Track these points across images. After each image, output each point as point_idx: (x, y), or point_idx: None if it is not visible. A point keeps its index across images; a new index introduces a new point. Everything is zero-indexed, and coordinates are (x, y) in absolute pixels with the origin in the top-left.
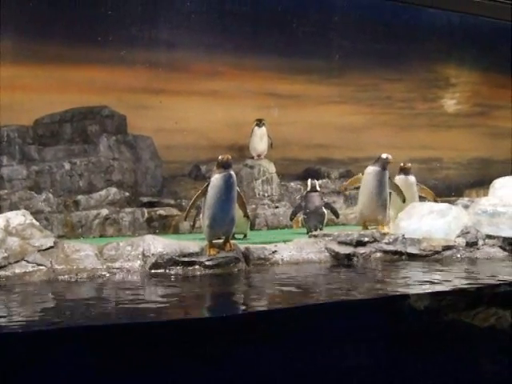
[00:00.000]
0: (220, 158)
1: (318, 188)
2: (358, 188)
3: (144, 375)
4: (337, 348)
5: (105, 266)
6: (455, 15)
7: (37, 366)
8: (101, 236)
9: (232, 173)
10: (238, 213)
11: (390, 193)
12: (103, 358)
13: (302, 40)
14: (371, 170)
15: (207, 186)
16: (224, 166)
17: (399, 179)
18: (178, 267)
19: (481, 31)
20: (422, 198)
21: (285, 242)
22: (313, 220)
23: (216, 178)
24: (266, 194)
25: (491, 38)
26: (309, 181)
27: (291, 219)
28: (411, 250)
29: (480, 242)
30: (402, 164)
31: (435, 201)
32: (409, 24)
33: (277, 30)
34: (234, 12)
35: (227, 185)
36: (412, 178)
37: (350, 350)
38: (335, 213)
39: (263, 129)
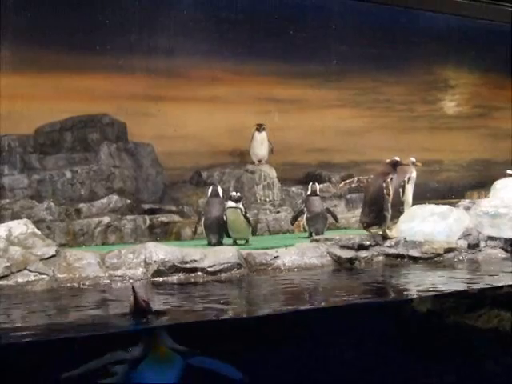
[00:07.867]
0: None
1: (318, 192)
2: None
3: None
4: (339, 351)
5: (107, 274)
6: (453, 18)
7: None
8: (103, 244)
9: None
10: (238, 219)
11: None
12: None
13: (300, 45)
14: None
15: None
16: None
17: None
18: (180, 274)
19: (479, 33)
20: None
21: (286, 246)
22: (316, 224)
23: None
24: (268, 199)
25: (490, 40)
26: (310, 185)
27: (292, 224)
28: (413, 252)
29: (482, 244)
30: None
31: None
32: (407, 27)
33: (274, 36)
34: (232, 19)
35: None
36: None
37: (354, 353)
38: (335, 217)
39: (263, 134)
